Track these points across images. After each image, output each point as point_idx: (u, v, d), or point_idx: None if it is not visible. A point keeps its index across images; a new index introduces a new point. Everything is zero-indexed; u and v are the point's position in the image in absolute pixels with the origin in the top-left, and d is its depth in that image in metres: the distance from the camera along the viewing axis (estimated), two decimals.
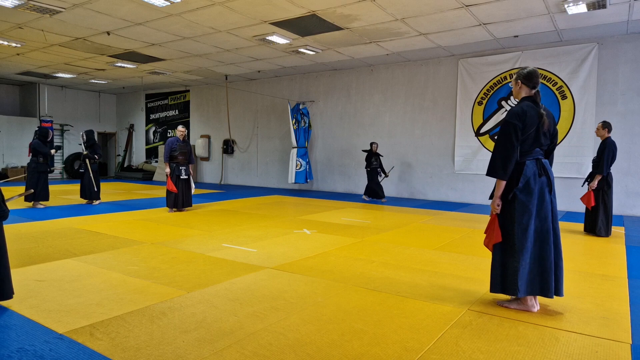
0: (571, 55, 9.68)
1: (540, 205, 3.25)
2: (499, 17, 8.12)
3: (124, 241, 5.68)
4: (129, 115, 19.45)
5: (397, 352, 2.63)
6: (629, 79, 9.20)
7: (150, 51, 11.16)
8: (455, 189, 11.36)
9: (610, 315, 3.31)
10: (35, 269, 4.30)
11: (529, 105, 3.28)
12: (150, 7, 7.83)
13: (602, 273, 4.54)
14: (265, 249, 5.39)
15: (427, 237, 6.32)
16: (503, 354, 2.63)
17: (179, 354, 2.55)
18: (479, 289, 3.89)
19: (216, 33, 9.44)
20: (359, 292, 3.77)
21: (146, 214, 8.12)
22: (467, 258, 5.09)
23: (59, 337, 2.77)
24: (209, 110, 16.59)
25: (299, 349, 2.64)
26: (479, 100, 10.87)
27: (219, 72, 13.94)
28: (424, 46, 10.27)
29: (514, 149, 3.20)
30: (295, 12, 8.02)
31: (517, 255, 3.24)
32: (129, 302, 3.39)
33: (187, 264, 4.58)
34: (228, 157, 16.14)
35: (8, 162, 16.10)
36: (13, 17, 8.57)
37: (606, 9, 7.58)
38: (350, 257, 5.03)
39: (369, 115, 12.70)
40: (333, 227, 7.03)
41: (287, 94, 14.22)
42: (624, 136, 9.15)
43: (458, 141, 11.23)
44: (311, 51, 10.79)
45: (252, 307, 3.33)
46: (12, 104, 17.35)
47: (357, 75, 12.87)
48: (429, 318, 3.18)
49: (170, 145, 8.45)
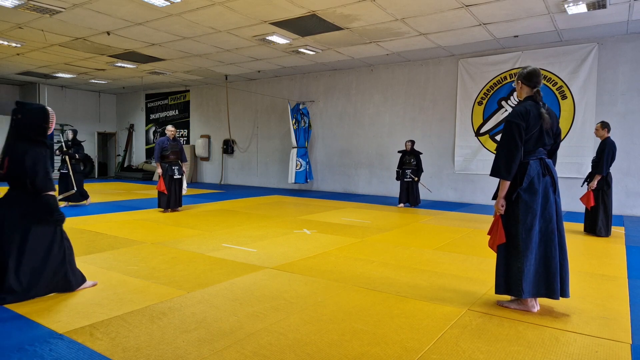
0: (571, 55, 9.68)
1: (544, 205, 3.24)
2: (499, 17, 8.12)
3: (124, 241, 5.67)
4: (129, 115, 19.45)
5: (397, 352, 2.63)
6: (629, 79, 9.20)
7: (150, 51, 11.16)
8: (455, 189, 11.36)
9: (610, 315, 3.31)
10: None
11: (532, 104, 3.26)
12: (150, 7, 7.83)
13: (602, 273, 4.54)
14: (265, 249, 5.39)
15: (427, 237, 6.32)
16: (503, 354, 2.62)
17: (179, 354, 2.55)
18: (479, 289, 3.89)
19: (216, 33, 9.44)
20: (359, 292, 3.77)
21: (146, 214, 8.12)
22: (467, 258, 5.09)
23: (59, 337, 2.77)
24: (209, 110, 16.59)
25: (299, 349, 2.64)
26: (479, 100, 10.87)
27: (219, 72, 13.94)
28: (424, 46, 10.28)
29: (517, 149, 3.19)
30: (295, 12, 8.02)
31: (522, 256, 3.23)
32: (129, 302, 3.39)
33: (187, 264, 4.58)
34: (228, 157, 16.14)
35: None
36: (13, 17, 8.57)
37: (606, 9, 7.58)
38: (350, 257, 5.03)
39: (369, 115, 12.70)
40: (333, 227, 7.03)
41: (287, 94, 14.22)
42: (624, 136, 9.15)
43: (458, 141, 11.23)
44: (311, 51, 10.79)
45: (252, 307, 3.33)
46: (12, 104, 17.26)
47: (357, 75, 12.87)
48: (429, 318, 3.18)
49: (161, 145, 8.42)
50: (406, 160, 9.88)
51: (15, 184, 3.39)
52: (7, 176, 3.38)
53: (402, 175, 9.88)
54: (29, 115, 3.42)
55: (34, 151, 3.35)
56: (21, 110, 3.41)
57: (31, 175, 3.29)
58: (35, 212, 3.37)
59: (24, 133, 3.39)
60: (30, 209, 3.36)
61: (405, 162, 9.86)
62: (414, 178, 9.79)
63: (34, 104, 3.51)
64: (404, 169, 9.84)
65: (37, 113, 3.44)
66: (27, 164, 3.28)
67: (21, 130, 3.39)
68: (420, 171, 9.85)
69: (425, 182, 11.76)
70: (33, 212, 3.37)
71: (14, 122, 3.41)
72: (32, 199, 3.37)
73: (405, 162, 9.86)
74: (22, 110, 3.41)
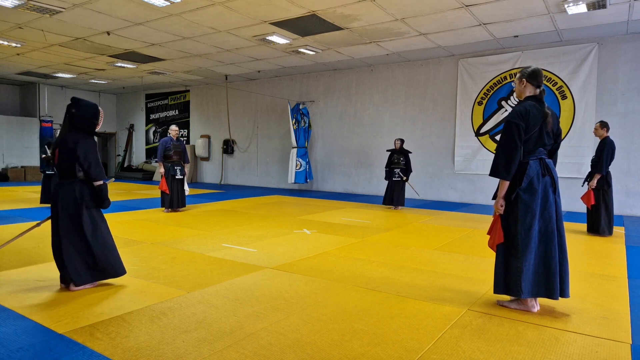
0: (571, 55, 9.68)
1: (544, 205, 3.24)
2: (499, 17, 8.12)
3: (124, 241, 5.67)
4: (129, 115, 19.45)
5: (397, 352, 2.63)
6: (629, 79, 9.20)
7: (150, 51, 11.16)
8: (455, 189, 11.36)
9: (610, 315, 3.31)
10: (35, 269, 4.30)
11: (532, 104, 3.26)
12: (150, 7, 7.83)
13: (602, 273, 4.54)
14: (265, 249, 5.39)
15: (427, 237, 6.32)
16: (503, 354, 2.62)
17: (179, 354, 2.55)
18: (479, 289, 3.89)
19: (216, 33, 9.44)
20: (359, 292, 3.77)
21: (146, 214, 8.11)
22: (467, 258, 5.09)
23: (59, 337, 2.77)
24: (209, 110, 16.59)
25: (299, 349, 2.64)
26: (479, 100, 10.87)
27: (219, 72, 13.94)
28: (424, 46, 10.28)
29: (517, 149, 3.18)
30: (295, 12, 8.02)
31: (521, 256, 3.22)
32: (129, 302, 3.39)
33: (187, 264, 4.58)
34: (228, 157, 16.14)
35: (8, 162, 16.09)
36: (13, 17, 8.57)
37: (606, 9, 7.58)
38: (350, 257, 5.03)
39: (369, 115, 12.70)
40: (333, 227, 7.03)
41: (287, 94, 14.21)
42: (624, 136, 9.15)
43: (458, 141, 11.23)
44: (311, 51, 10.79)
45: (252, 307, 3.33)
46: (12, 104, 17.35)
47: (357, 75, 12.87)
48: (429, 318, 3.18)
49: (164, 144, 8.44)
50: (395, 159, 9.48)
51: (65, 174, 3.68)
52: (58, 166, 3.71)
53: (391, 175, 9.47)
54: (83, 110, 3.74)
55: (86, 142, 3.66)
56: (76, 105, 3.74)
57: (85, 165, 3.62)
58: (86, 198, 3.67)
59: (77, 125, 3.72)
60: (80, 196, 3.66)
61: (394, 161, 9.46)
62: (402, 177, 9.39)
63: (88, 100, 3.84)
64: (392, 168, 9.45)
65: (90, 108, 3.78)
66: (79, 153, 3.59)
67: (75, 123, 3.71)
68: (409, 171, 9.47)
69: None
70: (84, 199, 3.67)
71: (69, 115, 3.73)
72: (82, 187, 3.68)
73: (394, 161, 9.46)
74: (77, 105, 3.74)
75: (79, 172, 3.63)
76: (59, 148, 3.67)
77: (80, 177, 3.66)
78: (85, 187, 3.69)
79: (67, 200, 3.65)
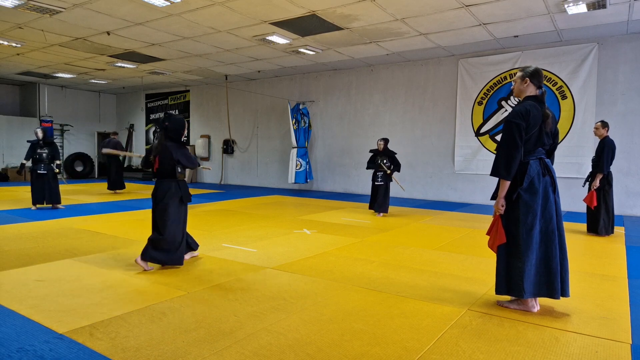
0: (571, 55, 9.68)
1: (544, 205, 3.24)
2: (499, 17, 8.12)
3: (124, 241, 5.67)
4: (129, 115, 19.44)
5: (397, 352, 2.63)
6: (629, 79, 9.20)
7: (150, 51, 11.16)
8: (455, 189, 11.36)
9: (610, 315, 3.31)
10: (35, 269, 4.30)
11: (532, 104, 3.26)
12: (150, 7, 7.83)
13: (602, 273, 4.54)
14: (265, 249, 5.39)
15: (427, 237, 6.32)
16: (503, 354, 2.62)
17: (179, 354, 2.55)
18: (479, 289, 3.89)
19: (216, 33, 9.44)
20: (359, 292, 3.77)
21: (146, 214, 8.11)
22: (467, 258, 5.09)
23: (59, 337, 2.77)
24: (209, 110, 16.59)
25: (299, 349, 2.64)
26: (479, 100, 10.87)
27: (219, 72, 13.94)
28: (424, 46, 10.27)
29: (517, 149, 3.18)
30: (295, 12, 8.02)
31: (522, 256, 3.22)
32: (129, 302, 3.39)
33: (187, 264, 4.58)
34: (228, 157, 16.14)
35: (8, 162, 16.09)
36: (13, 17, 8.57)
37: (606, 9, 7.58)
38: (350, 257, 5.03)
39: (369, 115, 12.70)
40: (333, 227, 7.03)
41: (287, 94, 14.21)
42: (624, 136, 9.15)
43: (458, 141, 11.23)
44: (311, 51, 10.79)
45: (252, 307, 3.33)
46: (12, 104, 17.34)
47: (357, 75, 12.87)
48: (429, 318, 3.18)
49: None
50: (378, 161, 8.41)
51: (164, 176, 4.42)
52: (158, 170, 4.42)
53: (373, 179, 8.44)
54: (174, 123, 4.47)
55: (182, 150, 4.45)
56: (169, 120, 4.46)
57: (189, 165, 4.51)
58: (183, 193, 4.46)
59: (171, 136, 4.45)
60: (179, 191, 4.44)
61: (378, 163, 8.40)
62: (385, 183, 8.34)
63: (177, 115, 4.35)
64: (375, 172, 8.43)
65: (179, 122, 4.55)
66: (180, 157, 4.39)
67: (169, 134, 4.45)
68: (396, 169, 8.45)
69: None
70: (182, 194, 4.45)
71: (164, 128, 4.45)
72: (179, 184, 4.47)
73: (378, 164, 8.41)
74: (170, 120, 4.47)
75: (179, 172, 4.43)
76: (160, 156, 4.39)
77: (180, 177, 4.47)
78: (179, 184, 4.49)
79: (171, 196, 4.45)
